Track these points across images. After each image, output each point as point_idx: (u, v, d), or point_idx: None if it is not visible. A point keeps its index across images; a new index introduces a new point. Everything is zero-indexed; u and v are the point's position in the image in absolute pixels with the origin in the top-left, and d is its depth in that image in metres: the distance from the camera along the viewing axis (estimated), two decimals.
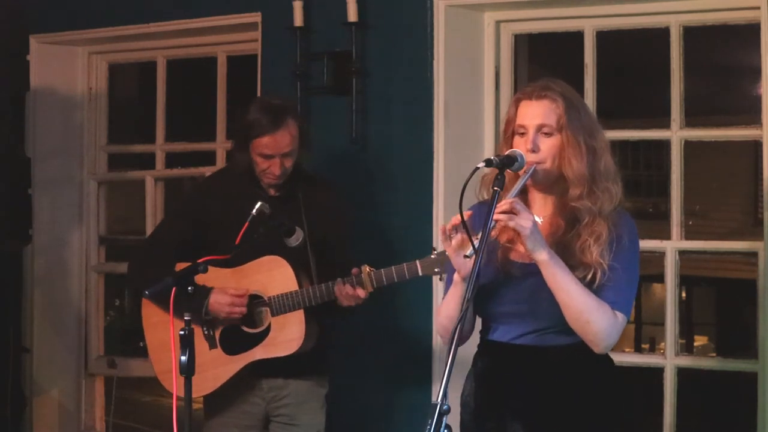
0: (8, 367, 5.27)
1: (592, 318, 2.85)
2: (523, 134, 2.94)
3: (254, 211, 3.62)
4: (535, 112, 2.93)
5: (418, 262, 3.67)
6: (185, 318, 3.18)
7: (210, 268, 3.68)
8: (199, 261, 3.35)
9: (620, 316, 2.90)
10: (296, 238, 3.79)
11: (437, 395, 2.64)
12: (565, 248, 2.92)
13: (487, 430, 2.99)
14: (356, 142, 4.59)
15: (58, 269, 5.56)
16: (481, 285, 2.95)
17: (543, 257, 2.83)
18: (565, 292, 2.84)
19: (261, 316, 3.87)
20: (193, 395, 3.78)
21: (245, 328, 3.85)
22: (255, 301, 3.86)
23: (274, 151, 3.84)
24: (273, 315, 3.82)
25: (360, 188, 4.60)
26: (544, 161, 2.92)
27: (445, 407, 2.62)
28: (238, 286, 3.84)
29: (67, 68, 5.56)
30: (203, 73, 5.46)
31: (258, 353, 3.83)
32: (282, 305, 3.80)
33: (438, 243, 4.38)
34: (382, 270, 3.73)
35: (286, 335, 3.81)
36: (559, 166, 2.93)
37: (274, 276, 3.82)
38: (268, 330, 3.83)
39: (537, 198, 3.03)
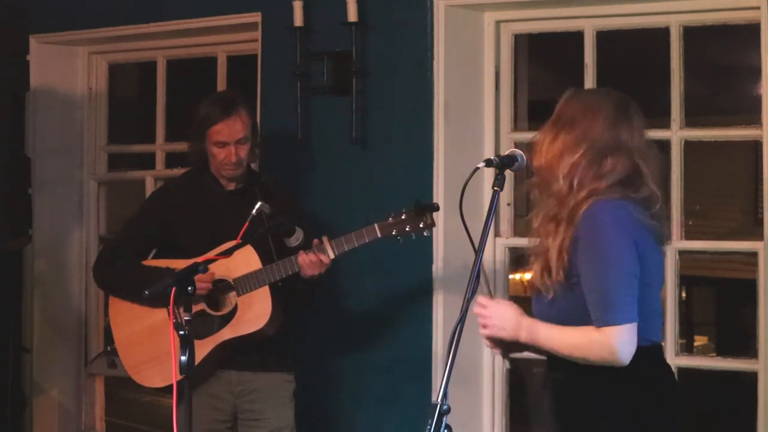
0: (8, 367, 5.27)
1: (584, 353, 2.81)
2: None
3: (254, 211, 3.69)
4: None
5: (376, 224, 3.78)
6: (185, 318, 3.19)
7: (176, 260, 3.84)
8: (199, 260, 3.36)
9: (607, 330, 2.76)
10: (296, 238, 3.82)
11: (437, 395, 2.64)
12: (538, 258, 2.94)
13: None
14: (356, 142, 4.58)
15: (58, 269, 5.56)
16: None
17: (523, 339, 2.89)
18: (555, 350, 2.87)
19: (227, 299, 3.92)
20: (164, 383, 3.90)
21: (212, 312, 3.91)
22: (220, 284, 3.91)
23: (228, 137, 3.97)
24: (239, 295, 3.88)
25: (360, 188, 4.60)
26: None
27: (445, 407, 2.63)
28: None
29: (67, 68, 5.56)
30: (203, 73, 5.46)
31: (226, 333, 3.90)
32: (247, 284, 3.87)
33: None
34: (342, 236, 3.79)
35: (254, 312, 3.88)
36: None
37: (237, 259, 3.85)
38: (235, 310, 3.89)
39: None
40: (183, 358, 3.18)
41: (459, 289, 3.21)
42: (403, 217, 3.75)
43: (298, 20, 4.63)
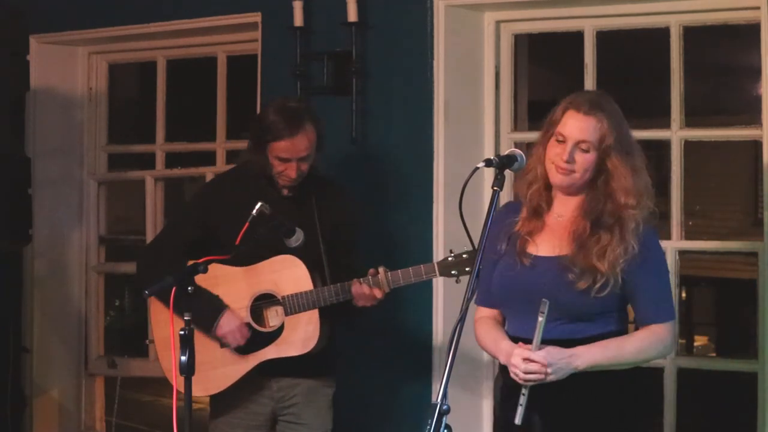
0: (8, 367, 5.26)
1: (648, 354, 3.06)
2: (561, 142, 3.03)
3: (254, 211, 3.60)
4: (580, 127, 3.02)
5: (435, 263, 3.68)
6: (185, 318, 3.18)
7: (222, 266, 3.71)
8: (199, 261, 3.34)
9: (662, 326, 3.06)
10: (296, 239, 3.76)
11: (437, 395, 2.64)
12: (583, 249, 3.00)
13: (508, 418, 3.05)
14: (356, 142, 4.59)
15: (58, 269, 5.56)
16: (499, 274, 3.11)
17: (585, 365, 2.97)
18: (618, 364, 3.02)
19: (273, 315, 3.83)
20: (203, 394, 3.81)
21: (258, 327, 3.81)
22: (268, 300, 3.83)
23: (292, 155, 3.79)
24: (287, 314, 3.77)
25: (360, 188, 4.59)
26: (575, 172, 3.02)
27: (444, 407, 2.63)
28: (250, 284, 3.81)
29: (67, 68, 5.57)
30: (203, 73, 5.46)
31: (270, 352, 3.80)
32: (296, 304, 3.76)
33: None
34: (399, 271, 3.72)
35: (300, 335, 3.78)
36: (586, 180, 3.03)
37: (287, 275, 3.78)
38: (281, 329, 3.80)
39: (559, 196, 3.12)
40: (183, 358, 3.18)
41: (459, 290, 3.21)
42: (464, 257, 3.64)
43: (298, 20, 4.63)
